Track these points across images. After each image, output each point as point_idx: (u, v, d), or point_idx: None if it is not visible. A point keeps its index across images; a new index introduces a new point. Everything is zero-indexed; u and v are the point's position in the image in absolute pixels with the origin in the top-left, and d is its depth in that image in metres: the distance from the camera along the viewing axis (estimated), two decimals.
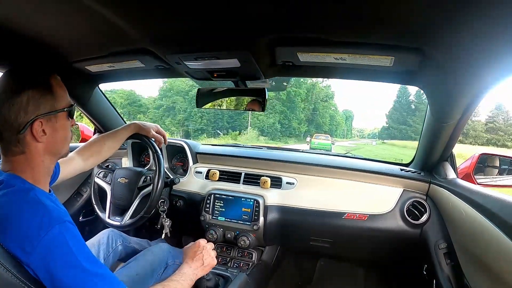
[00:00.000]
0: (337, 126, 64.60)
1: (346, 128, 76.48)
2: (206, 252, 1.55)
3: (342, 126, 70.35)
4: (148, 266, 1.52)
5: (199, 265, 1.48)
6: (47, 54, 1.53)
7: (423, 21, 0.89)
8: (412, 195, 1.98)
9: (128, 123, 1.80)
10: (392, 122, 61.04)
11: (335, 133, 63.05)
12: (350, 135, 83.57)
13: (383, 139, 59.86)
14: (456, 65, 1.11)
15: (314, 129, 47.91)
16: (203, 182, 2.37)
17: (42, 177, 1.09)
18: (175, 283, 1.28)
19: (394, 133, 57.48)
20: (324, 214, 2.04)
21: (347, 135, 77.97)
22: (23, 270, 0.90)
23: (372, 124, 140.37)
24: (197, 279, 1.45)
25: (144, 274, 1.29)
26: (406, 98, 58.71)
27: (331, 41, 1.14)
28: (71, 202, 2.47)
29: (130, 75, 2.00)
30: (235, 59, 1.35)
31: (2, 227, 0.91)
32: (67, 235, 0.95)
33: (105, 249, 1.66)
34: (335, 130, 63.44)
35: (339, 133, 67.50)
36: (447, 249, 1.62)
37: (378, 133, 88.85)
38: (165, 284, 1.25)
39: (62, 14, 1.13)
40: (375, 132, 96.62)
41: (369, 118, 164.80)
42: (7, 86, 1.02)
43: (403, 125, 56.49)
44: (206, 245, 1.59)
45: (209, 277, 1.60)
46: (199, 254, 1.53)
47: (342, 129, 72.93)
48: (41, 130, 1.03)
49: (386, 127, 65.35)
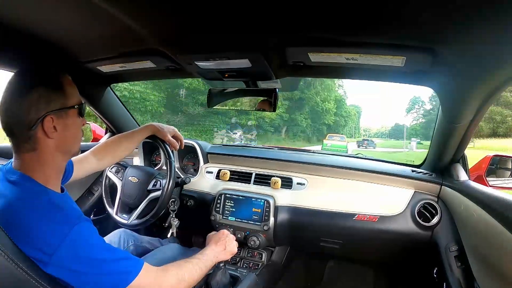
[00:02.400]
0: (346, 119, 60.84)
1: (354, 125, 72.32)
2: (229, 240, 1.63)
3: (353, 120, 65.31)
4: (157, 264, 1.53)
5: (221, 249, 1.56)
6: (59, 54, 1.55)
7: (435, 21, 0.88)
8: (423, 196, 1.96)
9: (146, 124, 1.80)
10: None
11: (343, 130, 58.53)
12: (358, 134, 79.33)
13: (397, 138, 58.81)
14: (468, 65, 1.10)
15: (318, 125, 44.18)
16: (214, 182, 2.38)
17: (53, 176, 1.10)
18: (196, 261, 1.35)
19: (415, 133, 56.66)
20: (335, 215, 2.04)
21: (355, 133, 73.65)
22: (43, 274, 0.91)
23: (379, 123, 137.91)
24: (205, 277, 1.48)
25: None
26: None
27: (343, 41, 1.14)
28: (83, 201, 2.49)
29: (142, 76, 2.01)
30: (246, 59, 1.35)
31: (20, 233, 0.92)
32: (85, 233, 0.99)
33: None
34: (344, 126, 60.61)
35: (346, 131, 63.55)
36: (458, 252, 1.61)
37: (388, 132, 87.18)
38: (188, 260, 1.33)
39: (74, 14, 1.14)
40: (384, 131, 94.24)
41: (373, 117, 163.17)
42: (18, 84, 1.04)
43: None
44: (230, 234, 1.67)
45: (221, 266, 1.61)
46: (223, 240, 1.60)
47: (350, 127, 68.06)
48: (52, 127, 1.04)
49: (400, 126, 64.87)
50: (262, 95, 1.70)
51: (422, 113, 73.19)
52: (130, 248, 1.76)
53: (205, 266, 1.39)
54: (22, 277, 0.85)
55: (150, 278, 1.10)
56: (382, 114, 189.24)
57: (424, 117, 69.94)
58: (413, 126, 71.86)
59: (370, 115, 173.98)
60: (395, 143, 56.00)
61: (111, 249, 1.05)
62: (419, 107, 74.52)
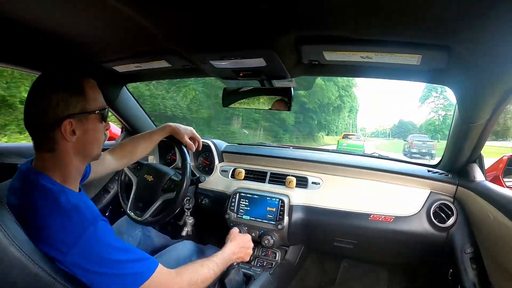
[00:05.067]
0: (338, 111, 45.97)
1: (351, 122, 60.04)
2: (250, 248, 1.68)
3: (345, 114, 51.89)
4: (172, 262, 1.55)
5: (238, 253, 1.59)
6: (76, 56, 1.58)
7: (451, 18, 0.87)
8: (439, 197, 1.94)
9: (164, 124, 1.82)
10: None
11: (333, 127, 46.91)
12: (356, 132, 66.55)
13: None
14: (484, 63, 1.08)
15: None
16: (229, 180, 2.39)
17: (71, 176, 1.12)
18: (212, 265, 1.36)
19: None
20: (349, 215, 2.03)
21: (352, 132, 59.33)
22: (59, 270, 0.93)
23: (377, 123, 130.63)
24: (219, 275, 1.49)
25: None
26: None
27: (358, 39, 1.13)
28: (99, 199, 2.53)
29: (157, 75, 2.03)
30: (261, 58, 1.35)
31: (37, 231, 0.94)
32: (101, 233, 1.00)
33: (125, 237, 1.78)
34: (335, 122, 47.88)
35: (340, 128, 51.11)
36: (473, 254, 1.59)
37: (389, 132, 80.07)
38: (204, 264, 1.33)
39: (92, 16, 1.17)
40: (384, 130, 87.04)
41: (370, 116, 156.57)
42: (39, 88, 1.06)
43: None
44: (251, 243, 1.73)
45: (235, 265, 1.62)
46: (245, 245, 1.66)
47: (345, 123, 54.19)
48: (70, 130, 1.05)
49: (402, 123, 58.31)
50: (277, 94, 1.70)
51: (442, 103, 52.49)
52: (138, 235, 1.82)
53: (220, 270, 1.41)
54: (39, 273, 0.87)
55: (162, 280, 1.11)
56: (383, 108, 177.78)
57: (445, 109, 51.32)
58: (431, 120, 55.12)
59: (370, 110, 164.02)
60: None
61: (126, 249, 1.06)
62: (437, 94, 53.19)
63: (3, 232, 0.81)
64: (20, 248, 0.83)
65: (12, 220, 0.87)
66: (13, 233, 0.83)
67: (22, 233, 0.88)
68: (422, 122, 61.48)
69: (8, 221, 0.86)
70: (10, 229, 0.84)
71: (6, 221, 0.84)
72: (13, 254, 0.82)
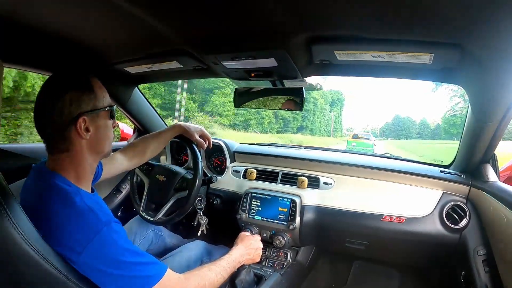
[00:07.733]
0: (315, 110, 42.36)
1: (333, 115, 52.21)
2: (259, 249, 1.72)
3: (324, 111, 48.01)
4: (184, 262, 1.57)
5: (247, 255, 1.63)
6: (89, 57, 1.60)
7: (463, 16, 0.87)
8: (452, 198, 1.92)
9: (173, 124, 1.84)
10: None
11: (310, 124, 42.61)
12: (340, 132, 58.13)
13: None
14: (497, 62, 1.08)
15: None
16: (241, 181, 2.39)
17: (85, 176, 1.14)
18: (220, 269, 1.38)
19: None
20: (361, 215, 2.02)
21: (335, 130, 53.69)
22: (72, 269, 0.95)
23: (365, 122, 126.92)
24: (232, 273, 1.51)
25: (179, 271, 1.32)
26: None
27: (369, 39, 1.13)
28: (111, 198, 2.56)
29: (168, 76, 2.05)
30: (272, 58, 1.36)
31: (51, 231, 0.96)
32: (114, 235, 1.02)
33: (137, 237, 1.82)
34: (310, 118, 43.19)
35: (317, 127, 45.97)
36: (486, 256, 1.57)
37: (380, 131, 76.76)
38: (212, 268, 1.35)
39: (104, 19, 1.19)
40: (373, 130, 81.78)
41: (357, 115, 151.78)
42: (51, 89, 1.08)
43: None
44: (261, 243, 1.78)
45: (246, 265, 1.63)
46: (254, 246, 1.69)
47: (326, 118, 49.26)
48: (85, 127, 1.08)
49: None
50: (289, 94, 1.70)
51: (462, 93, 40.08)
52: (150, 234, 1.85)
53: (228, 273, 1.43)
54: (52, 272, 0.88)
55: (171, 284, 1.13)
56: (375, 103, 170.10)
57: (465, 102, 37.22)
58: (448, 118, 47.34)
59: (359, 105, 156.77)
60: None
61: (137, 252, 1.07)
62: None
63: (17, 231, 0.82)
64: (34, 247, 0.84)
65: (26, 219, 0.88)
66: (26, 232, 0.84)
67: (36, 233, 0.89)
68: (437, 121, 55.50)
69: (22, 220, 0.86)
70: (24, 228, 0.85)
71: (20, 221, 0.85)
72: (27, 253, 0.83)
